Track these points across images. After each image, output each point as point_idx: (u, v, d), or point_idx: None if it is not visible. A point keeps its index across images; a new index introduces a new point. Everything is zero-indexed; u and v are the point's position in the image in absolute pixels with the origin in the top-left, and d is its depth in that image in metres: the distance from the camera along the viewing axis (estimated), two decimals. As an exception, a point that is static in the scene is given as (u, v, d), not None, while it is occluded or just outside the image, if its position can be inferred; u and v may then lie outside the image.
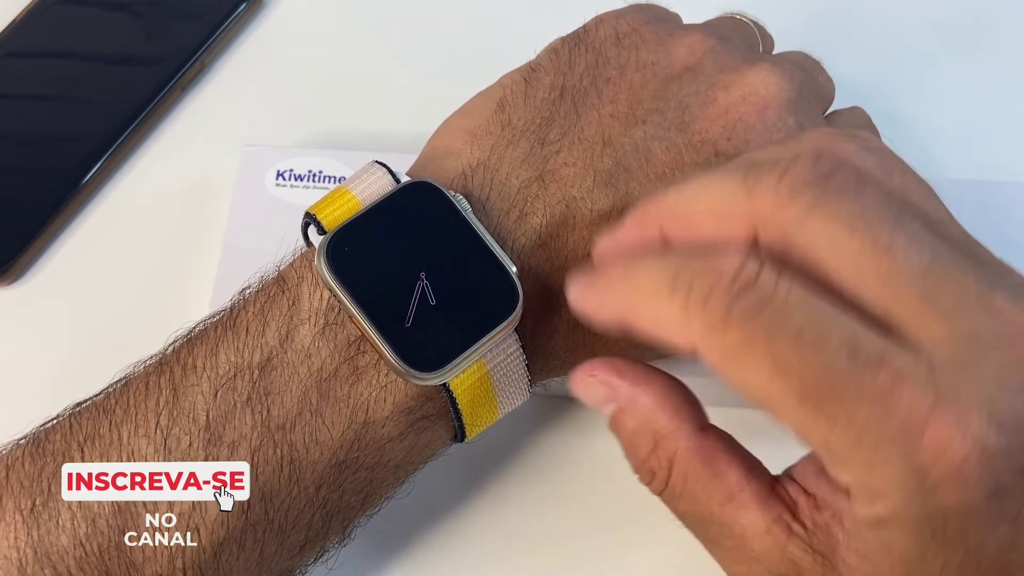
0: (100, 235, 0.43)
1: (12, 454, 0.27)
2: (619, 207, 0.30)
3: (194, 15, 0.48)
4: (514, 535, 0.36)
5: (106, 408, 0.27)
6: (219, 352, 0.27)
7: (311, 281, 0.28)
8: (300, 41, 0.49)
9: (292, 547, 0.28)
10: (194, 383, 0.27)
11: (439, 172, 0.30)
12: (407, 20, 0.50)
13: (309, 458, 0.27)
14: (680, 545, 0.36)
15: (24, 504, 0.26)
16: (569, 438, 0.38)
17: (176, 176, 0.45)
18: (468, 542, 0.36)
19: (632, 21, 0.33)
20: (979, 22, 0.48)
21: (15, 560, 0.26)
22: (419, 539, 0.36)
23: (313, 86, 0.48)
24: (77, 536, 0.26)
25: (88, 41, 0.47)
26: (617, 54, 0.32)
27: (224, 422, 0.27)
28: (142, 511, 0.26)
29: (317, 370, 0.27)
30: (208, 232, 0.42)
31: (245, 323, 0.28)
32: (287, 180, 0.40)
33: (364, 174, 0.29)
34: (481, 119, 0.31)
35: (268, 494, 0.27)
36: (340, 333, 0.27)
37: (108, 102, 0.45)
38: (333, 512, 0.28)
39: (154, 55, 0.46)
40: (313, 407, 0.27)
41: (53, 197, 0.43)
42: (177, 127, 0.46)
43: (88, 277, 0.42)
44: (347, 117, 0.46)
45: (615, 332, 0.25)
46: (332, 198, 0.29)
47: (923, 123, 0.45)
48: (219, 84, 0.48)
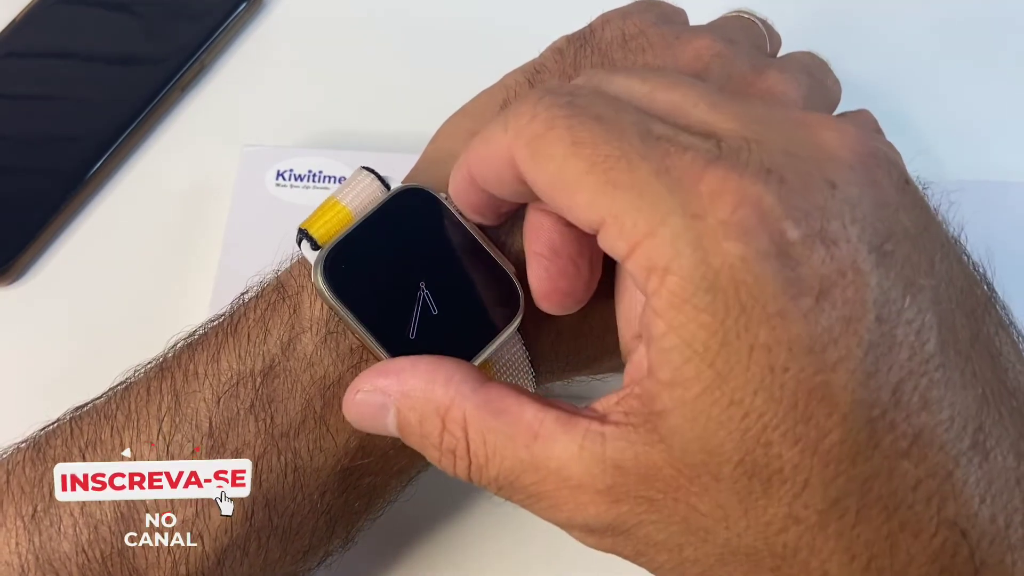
0: (100, 235, 0.43)
1: (13, 458, 0.27)
2: None
3: (194, 15, 0.48)
4: (515, 536, 0.36)
5: (107, 413, 0.27)
6: (220, 358, 0.27)
7: (311, 290, 0.28)
8: (300, 41, 0.49)
9: (296, 552, 0.28)
10: (196, 389, 0.27)
11: (441, 175, 0.30)
12: (407, 19, 0.50)
13: (313, 465, 0.27)
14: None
15: (25, 510, 0.26)
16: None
17: (176, 176, 0.45)
18: (469, 543, 0.36)
19: (639, 22, 0.32)
20: (983, 23, 0.48)
21: (16, 566, 0.26)
22: (420, 540, 0.36)
23: (313, 86, 0.48)
24: (79, 542, 0.26)
25: (88, 41, 0.47)
26: (623, 57, 0.31)
27: (227, 429, 0.26)
28: (145, 516, 0.26)
29: (320, 378, 0.27)
30: (208, 232, 0.42)
31: (246, 330, 0.28)
32: (287, 180, 0.40)
33: (352, 182, 0.29)
34: (483, 120, 0.31)
35: (272, 500, 0.27)
36: (342, 342, 0.27)
37: (108, 102, 0.45)
38: (337, 517, 0.28)
39: (154, 55, 0.46)
40: (317, 415, 0.27)
41: (53, 197, 0.43)
42: (177, 127, 0.46)
43: (88, 277, 0.42)
44: (347, 117, 0.46)
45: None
46: (322, 211, 0.28)
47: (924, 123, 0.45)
48: (219, 84, 0.47)
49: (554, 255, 0.26)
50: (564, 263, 0.26)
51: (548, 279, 0.26)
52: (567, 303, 0.26)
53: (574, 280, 0.26)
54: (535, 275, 0.26)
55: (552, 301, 0.26)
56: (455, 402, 0.24)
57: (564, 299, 0.26)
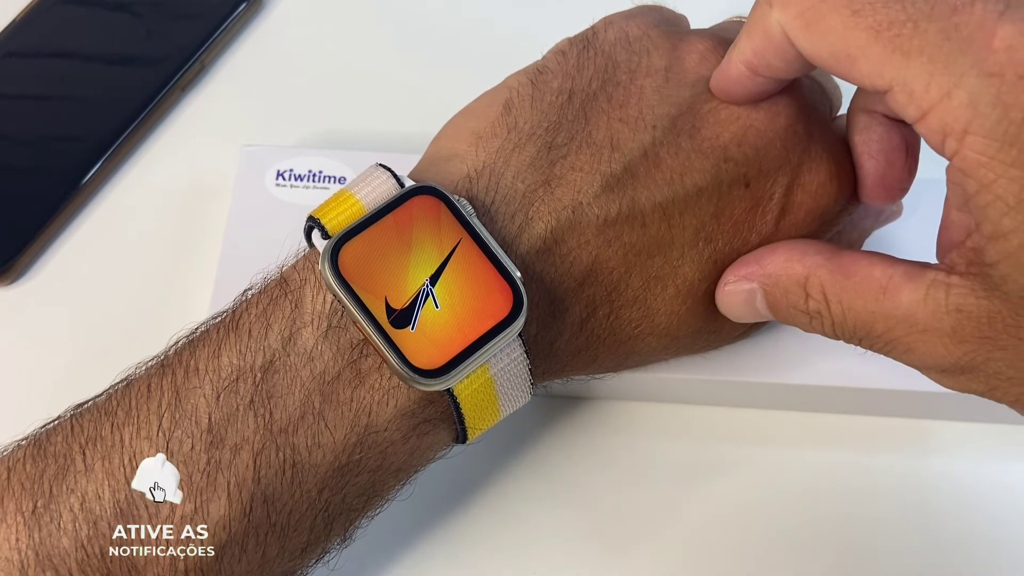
0: (100, 235, 0.43)
1: (13, 455, 0.27)
2: (626, 213, 0.30)
3: (194, 15, 0.48)
4: (514, 535, 0.36)
5: (108, 410, 0.27)
6: (221, 354, 0.27)
7: (314, 284, 0.28)
8: (300, 41, 0.49)
9: (294, 549, 0.28)
10: (196, 385, 0.27)
11: (443, 175, 0.30)
12: (408, 19, 0.50)
13: (311, 461, 0.27)
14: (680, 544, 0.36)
15: (25, 506, 0.26)
16: (569, 438, 0.38)
17: (176, 176, 0.45)
18: (468, 542, 0.36)
19: (642, 24, 0.32)
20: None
21: (16, 562, 0.25)
22: (420, 539, 0.36)
23: (313, 86, 0.48)
24: (79, 538, 0.26)
25: (88, 41, 0.47)
26: (627, 58, 0.31)
27: (226, 425, 0.26)
28: (144, 513, 0.26)
29: (320, 373, 0.27)
30: (208, 232, 0.42)
31: (247, 325, 0.28)
32: (287, 180, 0.40)
33: (367, 177, 0.29)
34: (486, 121, 0.31)
35: (270, 497, 0.27)
36: (343, 336, 0.27)
37: (108, 102, 0.45)
38: (335, 514, 0.28)
39: (154, 55, 0.46)
40: (316, 410, 0.27)
41: (53, 197, 0.43)
42: (177, 127, 0.46)
43: (88, 277, 0.42)
44: (347, 117, 0.46)
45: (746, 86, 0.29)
46: (335, 202, 0.29)
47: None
48: (219, 84, 0.48)
49: (880, 151, 0.30)
50: (890, 155, 0.30)
51: (875, 172, 0.30)
52: (894, 193, 0.31)
53: (900, 170, 0.30)
54: (866, 170, 0.30)
55: (879, 192, 0.31)
56: (813, 272, 0.28)
57: (891, 190, 0.30)
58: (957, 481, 0.37)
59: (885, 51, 0.23)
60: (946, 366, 0.26)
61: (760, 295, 0.29)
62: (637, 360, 0.33)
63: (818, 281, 0.28)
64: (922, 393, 0.36)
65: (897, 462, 0.38)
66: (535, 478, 0.37)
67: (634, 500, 0.37)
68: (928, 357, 0.26)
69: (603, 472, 0.38)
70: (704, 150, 0.30)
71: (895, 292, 0.26)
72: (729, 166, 0.30)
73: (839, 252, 0.28)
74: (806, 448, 0.38)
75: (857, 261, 0.28)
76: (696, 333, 0.32)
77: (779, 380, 0.36)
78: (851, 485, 0.37)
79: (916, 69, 0.22)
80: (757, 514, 0.37)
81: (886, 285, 0.26)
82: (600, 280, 0.30)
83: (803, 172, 0.31)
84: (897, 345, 0.27)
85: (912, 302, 0.26)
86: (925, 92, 0.22)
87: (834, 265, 0.28)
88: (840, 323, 0.28)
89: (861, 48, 0.23)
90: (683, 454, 0.38)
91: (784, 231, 0.31)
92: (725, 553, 0.36)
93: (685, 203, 0.30)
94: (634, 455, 0.38)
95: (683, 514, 0.37)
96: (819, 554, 0.36)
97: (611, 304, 0.30)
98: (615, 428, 0.38)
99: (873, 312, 0.27)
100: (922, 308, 0.26)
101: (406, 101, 0.46)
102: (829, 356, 0.36)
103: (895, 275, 0.27)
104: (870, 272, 0.27)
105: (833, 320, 0.28)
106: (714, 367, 0.36)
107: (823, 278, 0.28)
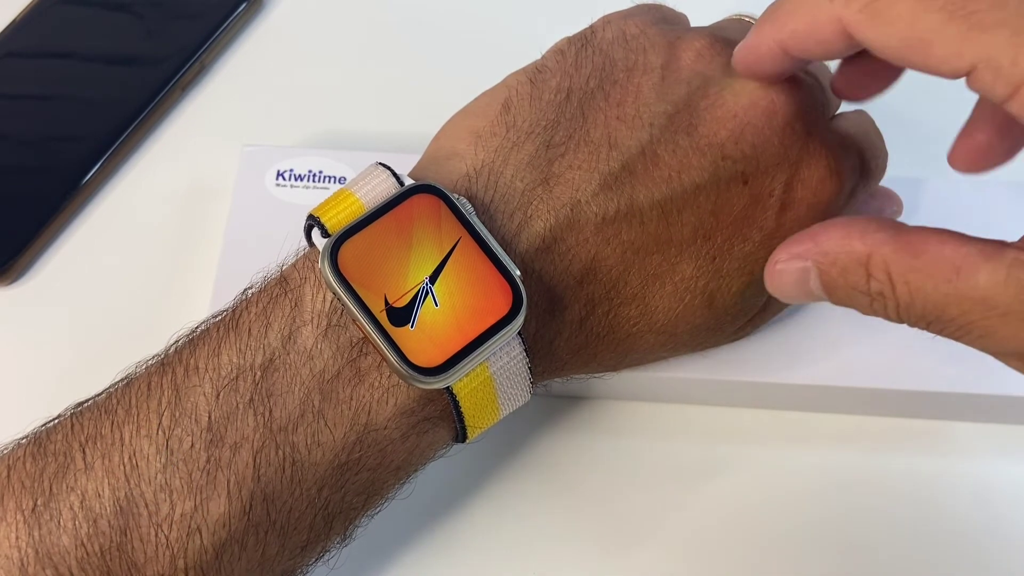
0: (100, 235, 0.43)
1: (13, 453, 0.27)
2: (624, 211, 0.30)
3: (194, 15, 0.48)
4: (514, 535, 0.36)
5: (108, 408, 0.27)
6: (221, 353, 0.27)
7: (314, 282, 0.28)
8: (300, 41, 0.49)
9: (294, 547, 0.28)
10: (196, 384, 0.27)
11: (442, 174, 0.30)
12: (408, 19, 0.50)
13: (311, 459, 0.27)
14: (681, 544, 0.36)
15: (25, 504, 0.26)
16: (569, 438, 0.38)
17: (176, 176, 0.45)
18: (468, 542, 0.36)
19: (640, 23, 0.32)
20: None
21: (16, 560, 0.26)
22: (420, 538, 0.36)
23: (313, 86, 0.48)
24: (79, 536, 0.26)
25: (88, 41, 0.47)
26: (625, 56, 0.32)
27: (226, 423, 0.26)
28: (143, 511, 0.26)
29: (319, 372, 0.27)
30: (208, 232, 0.42)
31: (247, 324, 0.28)
32: (287, 180, 0.40)
33: (367, 176, 0.29)
34: (486, 120, 0.31)
35: (270, 495, 0.27)
36: (343, 335, 0.27)
37: (108, 102, 0.45)
38: (335, 513, 0.28)
39: (154, 55, 0.46)
40: (315, 409, 0.27)
41: (53, 197, 0.43)
42: (177, 127, 0.46)
43: (88, 277, 0.42)
44: (347, 117, 0.47)
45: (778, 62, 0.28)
46: (336, 200, 0.29)
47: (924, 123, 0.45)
48: (219, 84, 0.48)
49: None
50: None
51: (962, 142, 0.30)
52: (987, 163, 0.30)
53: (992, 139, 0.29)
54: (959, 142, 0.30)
55: (966, 162, 0.30)
56: (876, 250, 0.26)
57: (982, 159, 0.30)
58: (958, 481, 0.37)
59: (961, 29, 0.22)
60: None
61: (814, 274, 0.27)
62: (636, 358, 0.34)
63: (881, 260, 0.26)
64: (923, 393, 0.36)
65: (897, 462, 0.38)
66: (535, 478, 0.37)
67: (634, 500, 0.37)
68: (1009, 342, 0.25)
69: (603, 472, 0.38)
70: (702, 147, 0.30)
71: (971, 272, 0.24)
72: (727, 163, 0.30)
73: (904, 229, 0.26)
74: (806, 448, 0.38)
75: (927, 240, 0.25)
76: (695, 330, 0.32)
77: (779, 380, 0.36)
78: (851, 485, 0.37)
79: (1000, 43, 0.21)
80: (757, 514, 0.37)
81: (960, 265, 0.24)
82: (599, 278, 0.30)
83: (802, 168, 0.31)
84: (973, 329, 0.25)
85: (991, 283, 0.24)
86: (1012, 67, 0.21)
87: (900, 243, 0.26)
88: (907, 306, 0.26)
89: (934, 31, 0.22)
90: (683, 454, 0.38)
91: (786, 227, 0.31)
92: (725, 553, 0.36)
93: (683, 201, 0.30)
94: (634, 455, 0.38)
95: (683, 514, 0.37)
96: (819, 554, 0.36)
97: (610, 302, 0.30)
98: (615, 428, 0.39)
99: (946, 294, 0.25)
100: (1003, 290, 0.24)
101: (406, 101, 0.47)
102: (830, 356, 0.36)
103: (970, 254, 0.24)
104: (940, 251, 0.25)
105: (899, 302, 0.26)
106: (714, 367, 0.36)
107: (888, 257, 0.26)
